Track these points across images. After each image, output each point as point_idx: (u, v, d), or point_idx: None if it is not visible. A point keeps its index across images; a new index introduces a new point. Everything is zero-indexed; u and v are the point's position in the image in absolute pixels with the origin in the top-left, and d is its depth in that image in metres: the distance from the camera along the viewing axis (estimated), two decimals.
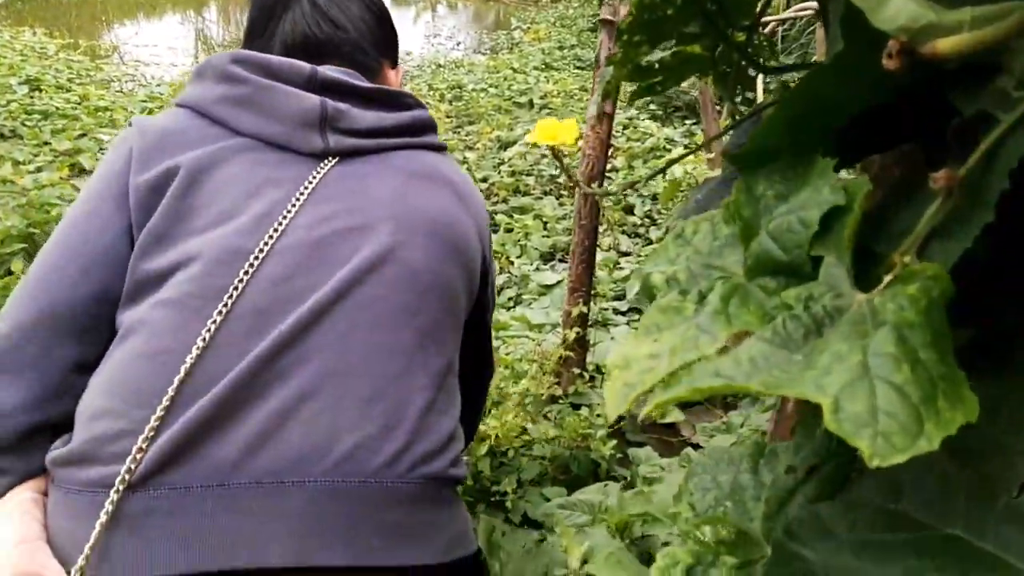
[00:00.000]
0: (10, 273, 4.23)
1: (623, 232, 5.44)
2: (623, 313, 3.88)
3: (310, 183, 0.91)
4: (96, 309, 0.87)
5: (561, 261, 5.10)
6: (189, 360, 0.79)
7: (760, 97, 3.65)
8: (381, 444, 0.81)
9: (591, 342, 2.84)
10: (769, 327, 0.39)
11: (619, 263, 4.76)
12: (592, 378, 2.84)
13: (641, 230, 5.45)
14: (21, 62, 7.78)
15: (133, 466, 0.76)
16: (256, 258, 0.84)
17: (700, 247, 0.54)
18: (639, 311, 3.86)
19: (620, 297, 4.11)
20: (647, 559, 1.42)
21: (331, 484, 0.77)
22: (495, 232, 5.99)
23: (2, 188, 4.96)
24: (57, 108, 6.76)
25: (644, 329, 0.49)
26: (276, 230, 0.86)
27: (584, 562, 1.34)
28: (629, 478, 2.25)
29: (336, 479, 0.77)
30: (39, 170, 5.53)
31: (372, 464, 0.80)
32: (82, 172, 5.67)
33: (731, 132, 0.94)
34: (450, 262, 0.97)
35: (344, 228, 0.89)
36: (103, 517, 0.73)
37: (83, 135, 6.29)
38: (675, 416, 2.79)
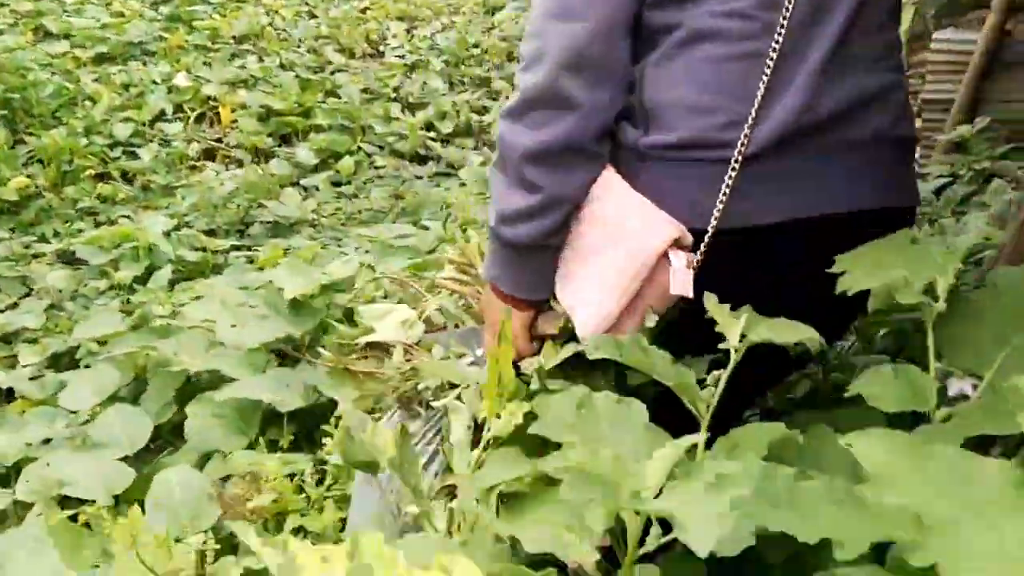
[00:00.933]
0: None
1: None
2: None
3: None
4: (635, 8, 0.96)
5: None
6: (770, 63, 0.92)
7: None
8: (903, 123, 1.02)
9: None
10: None
11: None
12: None
13: None
14: None
15: (743, 147, 0.92)
16: None
17: None
18: None
19: None
20: None
21: (884, 146, 1.00)
22: (494, 99, 5.78)
23: None
24: None
25: None
26: None
27: None
28: None
29: (885, 146, 1.00)
30: (1, 33, 5.11)
31: (901, 133, 1.02)
32: (48, 35, 5.24)
33: None
34: None
35: None
36: (725, 189, 0.93)
37: None
38: None
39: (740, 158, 0.92)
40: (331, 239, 3.55)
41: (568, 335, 1.04)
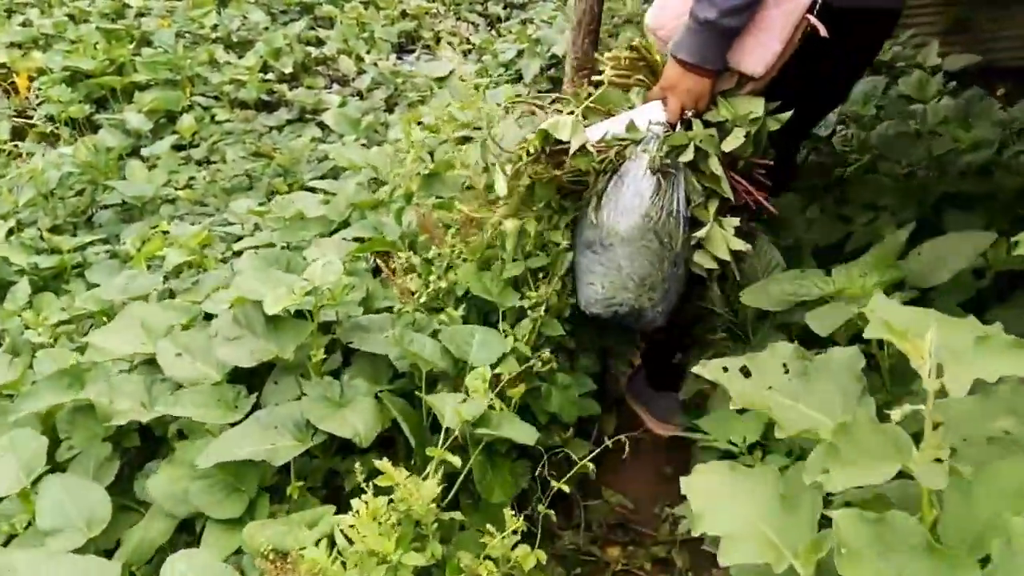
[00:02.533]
0: None
1: None
2: None
3: None
4: None
5: (426, 48, 4.63)
6: None
7: None
8: None
9: None
10: None
11: None
12: None
13: None
14: None
15: None
16: None
17: None
18: None
19: None
20: None
21: None
22: (327, 28, 5.31)
23: None
24: None
25: None
26: None
27: None
28: None
29: None
30: None
31: None
32: None
33: None
34: None
35: None
36: None
37: None
38: None
39: None
40: (200, 216, 3.16)
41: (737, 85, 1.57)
